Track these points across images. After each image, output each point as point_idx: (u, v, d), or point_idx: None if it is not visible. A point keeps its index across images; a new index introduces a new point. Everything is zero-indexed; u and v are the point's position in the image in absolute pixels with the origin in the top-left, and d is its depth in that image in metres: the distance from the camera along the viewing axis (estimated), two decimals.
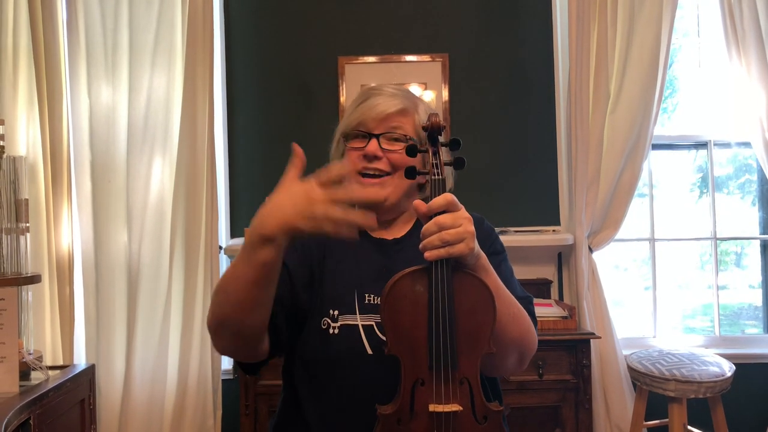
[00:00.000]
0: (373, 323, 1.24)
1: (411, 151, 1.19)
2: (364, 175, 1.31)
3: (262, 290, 1.09)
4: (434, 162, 1.16)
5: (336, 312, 1.26)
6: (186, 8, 2.78)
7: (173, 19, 2.81)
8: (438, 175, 1.14)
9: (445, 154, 1.19)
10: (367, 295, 1.27)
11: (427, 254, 1.07)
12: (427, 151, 1.18)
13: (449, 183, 1.25)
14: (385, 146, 1.31)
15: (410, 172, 1.19)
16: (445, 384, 1.08)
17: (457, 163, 1.17)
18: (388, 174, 1.31)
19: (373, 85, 1.41)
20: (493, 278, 1.17)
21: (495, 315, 1.11)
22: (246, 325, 1.13)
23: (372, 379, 1.21)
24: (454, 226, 1.06)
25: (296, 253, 1.31)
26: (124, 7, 2.78)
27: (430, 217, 1.08)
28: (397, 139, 1.31)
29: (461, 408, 1.08)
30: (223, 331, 1.15)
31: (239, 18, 3.09)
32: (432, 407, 1.07)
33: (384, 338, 1.17)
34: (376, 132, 1.31)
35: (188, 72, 2.77)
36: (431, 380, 1.08)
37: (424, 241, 1.08)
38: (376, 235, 1.37)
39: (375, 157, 1.30)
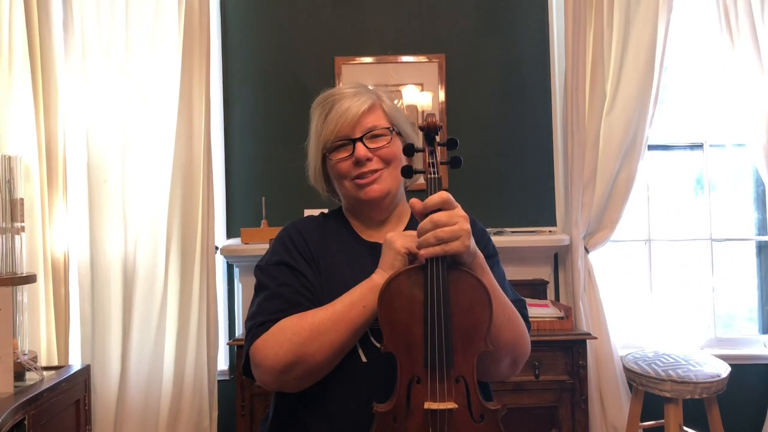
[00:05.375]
0: (368, 330, 1.22)
1: (408, 150, 1.20)
2: (359, 177, 1.31)
3: (355, 339, 1.18)
4: (430, 161, 1.17)
5: None
6: (182, 8, 2.78)
7: (170, 19, 2.81)
8: (434, 174, 1.15)
9: (441, 154, 1.20)
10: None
11: (422, 252, 1.07)
12: (423, 151, 1.19)
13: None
14: (370, 146, 1.30)
15: (407, 171, 1.20)
16: (441, 382, 1.08)
17: (453, 162, 1.18)
18: (380, 169, 1.31)
19: (327, 91, 1.38)
20: (489, 278, 1.17)
21: (491, 313, 1.11)
22: (327, 365, 1.18)
23: (367, 386, 1.20)
24: (449, 223, 1.07)
25: (301, 257, 1.30)
26: (120, 7, 2.77)
27: (426, 215, 1.08)
28: (378, 135, 1.31)
29: (456, 406, 1.08)
30: (297, 368, 1.17)
31: (236, 18, 3.09)
32: (427, 405, 1.07)
33: (376, 344, 1.17)
34: (357, 135, 1.30)
35: (185, 71, 2.77)
36: (427, 378, 1.08)
37: (420, 239, 1.08)
38: (370, 238, 1.37)
39: (367, 159, 1.30)
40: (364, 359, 1.22)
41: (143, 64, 2.79)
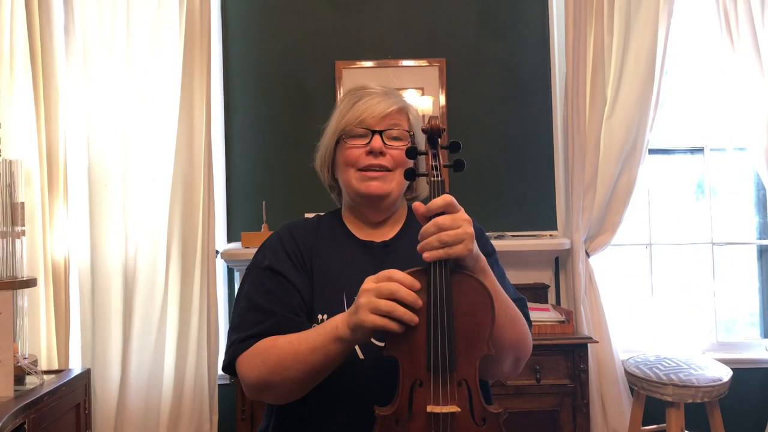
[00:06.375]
0: None
1: (411, 153, 1.20)
2: (368, 170, 1.32)
3: (321, 376, 1.17)
4: (434, 164, 1.17)
5: (325, 316, 1.26)
6: (183, 13, 2.78)
7: (171, 24, 2.81)
8: (437, 176, 1.15)
9: (444, 157, 1.20)
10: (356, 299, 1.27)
11: (425, 255, 1.07)
12: (426, 153, 1.19)
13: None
14: (387, 142, 1.32)
15: (409, 174, 1.20)
16: (444, 385, 1.08)
17: (456, 166, 1.18)
18: (389, 170, 1.32)
19: (361, 84, 1.43)
20: (491, 280, 1.17)
21: (494, 316, 1.11)
22: (294, 393, 1.20)
23: (365, 384, 1.20)
24: (453, 227, 1.07)
25: (290, 261, 1.31)
26: (121, 13, 2.78)
27: (429, 218, 1.08)
28: (396, 137, 1.33)
29: (459, 409, 1.08)
30: (268, 391, 1.21)
31: (236, 22, 3.09)
32: (430, 408, 1.07)
33: (376, 343, 1.17)
34: (378, 129, 1.32)
35: (186, 76, 2.77)
36: (429, 381, 1.08)
37: (423, 242, 1.08)
38: (364, 237, 1.38)
39: (380, 153, 1.31)
40: (361, 356, 1.23)
41: (144, 69, 2.79)
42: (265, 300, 1.27)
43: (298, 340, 1.17)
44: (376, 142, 1.31)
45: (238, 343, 1.24)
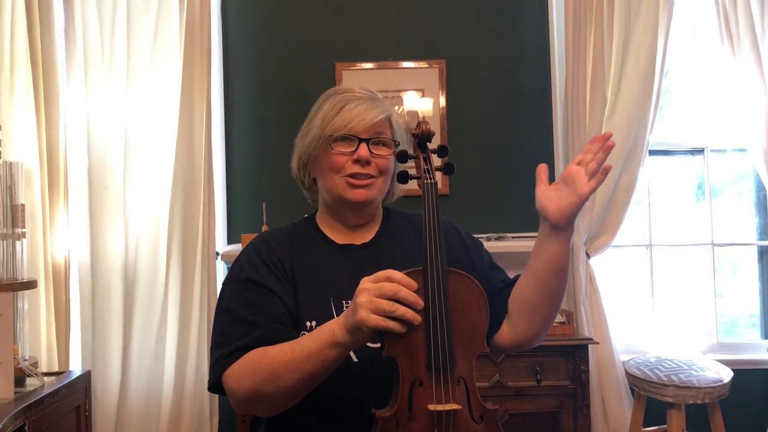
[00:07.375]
0: None
1: (402, 156, 1.21)
2: (353, 177, 1.30)
3: (314, 384, 1.15)
4: (425, 167, 1.20)
5: (314, 323, 1.25)
6: (184, 14, 2.78)
7: (171, 26, 2.82)
8: (430, 179, 1.17)
9: (435, 160, 1.22)
10: (344, 302, 1.26)
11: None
12: (417, 157, 1.21)
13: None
14: (373, 151, 1.31)
15: (402, 177, 1.21)
16: (444, 384, 1.08)
17: (447, 169, 1.20)
18: (374, 177, 1.32)
19: (343, 86, 1.41)
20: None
21: (488, 314, 1.13)
22: (288, 403, 1.18)
23: (359, 387, 1.20)
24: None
25: (269, 271, 1.29)
26: (121, 14, 2.78)
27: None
28: (383, 144, 1.33)
29: (460, 407, 1.09)
30: (259, 403, 1.18)
31: (236, 25, 3.09)
32: (432, 407, 1.07)
33: (371, 345, 1.17)
34: (365, 137, 1.31)
35: (186, 77, 2.77)
36: (430, 380, 1.08)
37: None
38: (342, 241, 1.37)
39: (366, 162, 1.30)
40: (355, 359, 1.22)
41: (144, 71, 2.79)
42: (248, 312, 1.23)
43: (291, 348, 1.14)
44: (363, 151, 1.30)
45: (224, 358, 1.20)
